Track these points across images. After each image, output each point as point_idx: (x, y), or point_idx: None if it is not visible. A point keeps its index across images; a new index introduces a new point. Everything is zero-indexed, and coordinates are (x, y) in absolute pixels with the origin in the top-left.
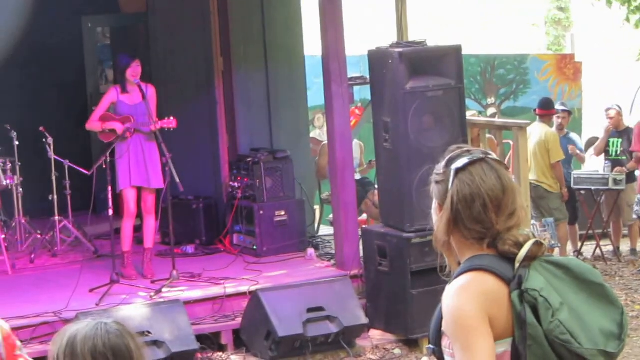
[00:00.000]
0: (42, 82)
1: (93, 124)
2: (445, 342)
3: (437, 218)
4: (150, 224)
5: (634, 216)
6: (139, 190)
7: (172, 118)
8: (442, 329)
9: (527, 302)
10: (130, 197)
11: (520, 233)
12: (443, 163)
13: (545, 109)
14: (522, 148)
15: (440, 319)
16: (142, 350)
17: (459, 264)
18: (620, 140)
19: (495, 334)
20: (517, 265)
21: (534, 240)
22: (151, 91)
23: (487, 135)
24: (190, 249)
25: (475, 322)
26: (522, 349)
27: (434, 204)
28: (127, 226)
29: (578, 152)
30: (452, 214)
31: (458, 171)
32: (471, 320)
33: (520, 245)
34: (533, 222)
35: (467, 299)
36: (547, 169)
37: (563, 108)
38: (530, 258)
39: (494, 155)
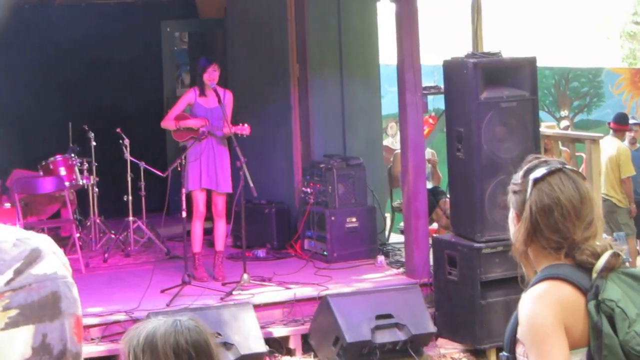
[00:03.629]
0: (120, 84)
1: (168, 122)
2: (519, 350)
3: (516, 228)
4: (221, 227)
5: None
6: (209, 193)
7: (246, 125)
8: (517, 336)
9: (604, 313)
10: (199, 198)
11: (598, 244)
12: (521, 173)
13: (620, 124)
14: (594, 161)
15: (516, 326)
16: (218, 346)
17: (536, 273)
18: None
19: (570, 342)
20: (594, 275)
21: (611, 251)
22: (228, 96)
23: (562, 148)
24: (261, 252)
25: (551, 330)
26: (597, 358)
27: (512, 214)
28: (196, 227)
29: None
30: (530, 224)
31: (536, 181)
32: (547, 328)
33: (597, 256)
34: (604, 235)
35: (544, 307)
36: (616, 184)
37: (635, 121)
38: (607, 269)
39: (570, 166)
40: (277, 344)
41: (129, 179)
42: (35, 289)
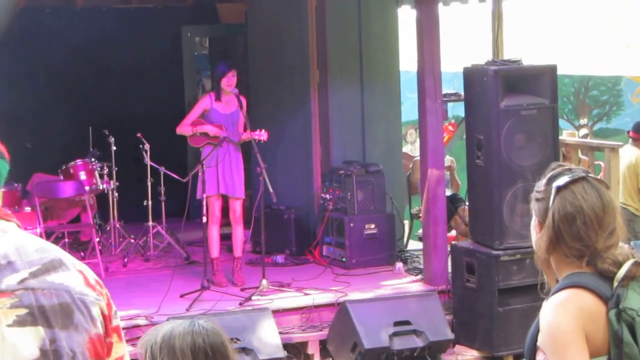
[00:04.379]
0: (140, 88)
1: (184, 128)
2: (540, 358)
3: (538, 236)
4: (239, 233)
5: None
6: (225, 199)
7: (263, 131)
8: (538, 343)
9: (624, 321)
10: (216, 204)
11: (619, 252)
12: (544, 181)
13: (639, 133)
14: (613, 170)
15: (536, 334)
16: (234, 351)
17: (557, 281)
18: None
19: (590, 350)
20: (615, 284)
21: (633, 260)
22: (242, 102)
23: (582, 157)
24: (280, 258)
25: (571, 338)
26: None
27: (534, 222)
28: (213, 232)
29: None
30: (553, 232)
31: (559, 189)
32: (568, 335)
33: (619, 264)
34: (620, 244)
35: (565, 315)
36: (634, 192)
37: None
38: (628, 278)
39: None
40: (295, 350)
41: (149, 183)
42: (48, 294)
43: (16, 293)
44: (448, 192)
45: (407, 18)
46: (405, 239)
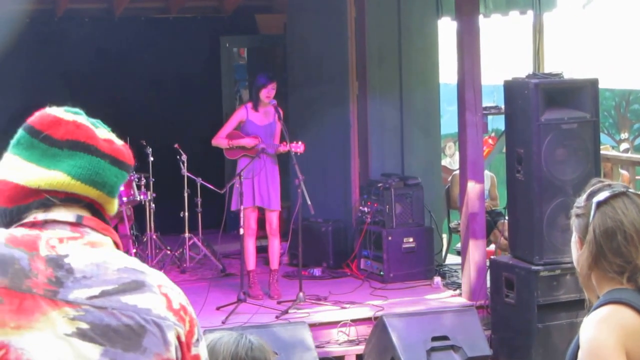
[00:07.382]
0: (178, 99)
1: (220, 141)
2: None
3: (579, 253)
4: (275, 246)
5: None
6: (262, 211)
7: (300, 143)
8: None
9: None
10: (251, 216)
11: None
12: (584, 196)
13: None
14: None
15: (577, 350)
16: None
17: (598, 297)
18: None
19: None
20: None
21: None
22: (280, 113)
23: (622, 171)
24: (317, 271)
25: (612, 354)
26: None
27: (574, 238)
28: (249, 245)
29: None
30: (594, 247)
31: (600, 204)
32: (608, 352)
33: None
34: None
35: (605, 331)
36: None
37: None
38: None
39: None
40: None
41: (186, 195)
42: (117, 315)
43: (82, 307)
44: None
45: (447, 30)
46: (443, 253)
